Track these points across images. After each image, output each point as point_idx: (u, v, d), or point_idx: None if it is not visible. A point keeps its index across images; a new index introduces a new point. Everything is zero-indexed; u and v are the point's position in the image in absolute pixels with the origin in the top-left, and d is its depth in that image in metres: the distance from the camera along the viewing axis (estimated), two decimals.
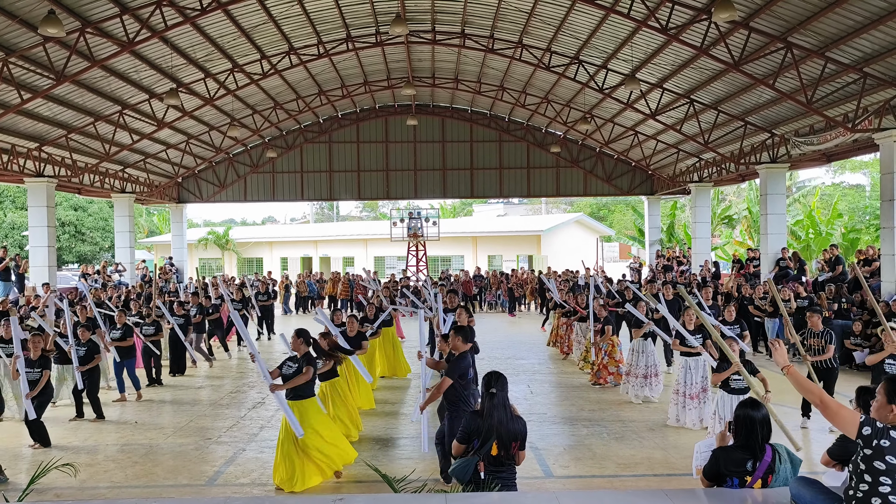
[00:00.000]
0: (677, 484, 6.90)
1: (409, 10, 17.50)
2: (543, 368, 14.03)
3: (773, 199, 19.74)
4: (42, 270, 19.36)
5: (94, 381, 10.19)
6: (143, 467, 7.85)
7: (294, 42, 18.63)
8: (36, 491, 6.64)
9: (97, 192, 24.21)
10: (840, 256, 17.12)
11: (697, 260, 23.64)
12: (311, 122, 27.75)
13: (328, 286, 26.62)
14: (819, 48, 13.37)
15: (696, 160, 23.60)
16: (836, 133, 15.08)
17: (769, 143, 18.87)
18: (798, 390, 3.99)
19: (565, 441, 8.66)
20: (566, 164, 27.94)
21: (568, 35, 17.40)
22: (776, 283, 17.35)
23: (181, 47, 16.58)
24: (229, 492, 7.07)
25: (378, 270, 33.92)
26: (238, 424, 9.71)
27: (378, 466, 5.80)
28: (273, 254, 42.00)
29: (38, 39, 13.36)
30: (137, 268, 26.02)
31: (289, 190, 28.50)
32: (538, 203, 53.82)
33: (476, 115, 27.81)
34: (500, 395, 4.92)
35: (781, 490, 4.24)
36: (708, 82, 17.14)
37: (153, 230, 45.22)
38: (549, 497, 4.50)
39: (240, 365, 15.04)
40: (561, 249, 37.26)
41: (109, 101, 18.07)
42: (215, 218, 60.98)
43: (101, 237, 39.67)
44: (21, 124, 17.36)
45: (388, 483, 5.13)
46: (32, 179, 19.30)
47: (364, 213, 65.25)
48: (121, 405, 11.04)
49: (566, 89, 21.76)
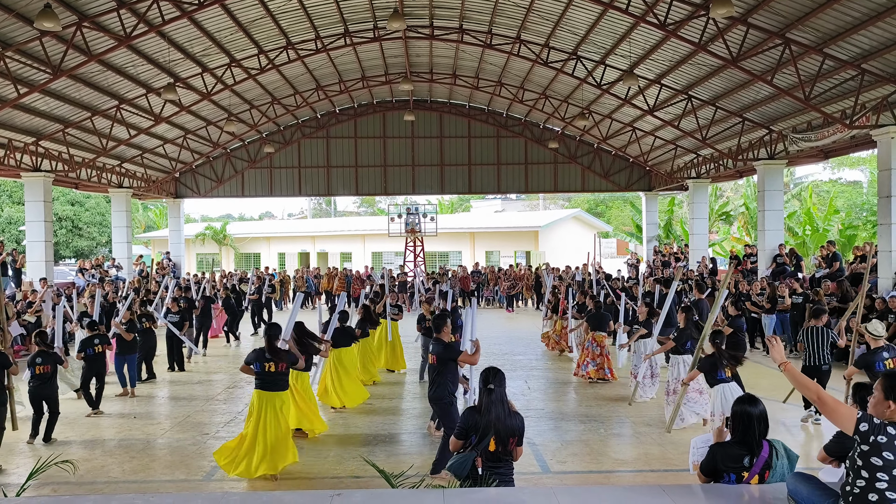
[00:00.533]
0: (674, 479, 6.91)
1: (407, 5, 17.46)
2: (541, 364, 14.06)
3: (770, 195, 19.77)
4: (39, 265, 19.33)
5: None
6: (140, 462, 7.85)
7: (292, 37, 18.58)
8: (33, 486, 6.63)
9: (94, 186, 24.16)
10: (837, 253, 17.12)
11: (695, 256, 23.67)
12: (308, 118, 27.70)
13: (324, 281, 26.61)
14: (817, 44, 13.37)
15: (693, 156, 23.61)
16: (834, 129, 15.10)
17: (767, 139, 18.88)
18: (795, 387, 4.00)
19: (562, 437, 8.67)
20: (564, 159, 27.93)
21: (566, 30, 17.38)
22: (773, 279, 17.38)
23: (178, 42, 16.52)
24: (226, 487, 7.07)
25: (375, 266, 33.94)
26: (235, 420, 9.70)
27: (375, 462, 5.80)
28: (271, 249, 41.96)
29: (34, 33, 13.31)
30: (135, 263, 25.98)
31: (286, 185, 28.47)
32: (536, 199, 53.82)
33: (474, 110, 27.79)
34: (498, 390, 4.92)
35: (778, 486, 4.25)
36: (706, 78, 17.14)
37: (150, 225, 45.13)
38: (545, 492, 4.50)
39: (236, 360, 15.03)
40: (558, 245, 37.30)
41: (106, 95, 18.02)
42: (213, 213, 60.79)
43: (98, 232, 39.59)
44: (18, 119, 17.30)
45: (385, 479, 5.12)
46: (29, 174, 19.26)
47: (362, 208, 65.21)
48: (121, 400, 11.04)
49: (564, 85, 21.74)
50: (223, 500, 4.36)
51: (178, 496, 4.64)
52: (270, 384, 7.22)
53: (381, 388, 11.66)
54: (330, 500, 4.31)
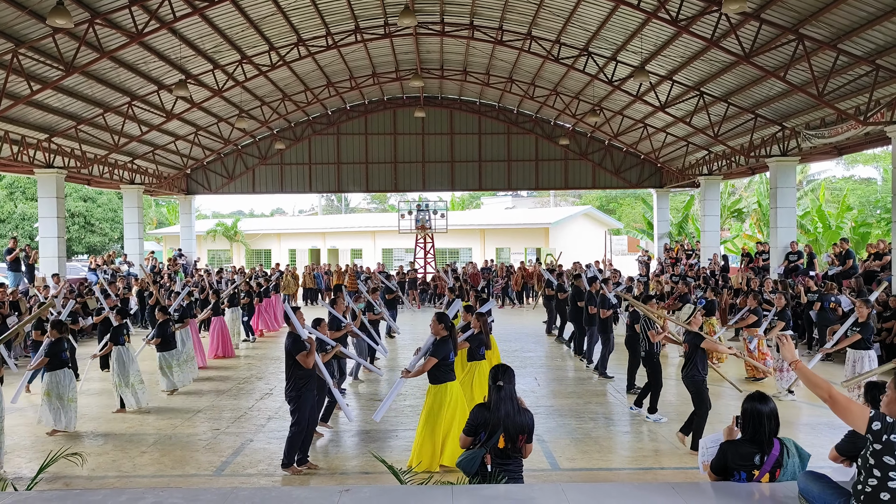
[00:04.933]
0: (684, 477, 6.89)
1: (418, 2, 17.44)
2: (550, 361, 14.03)
3: (782, 192, 19.62)
4: (52, 261, 19.47)
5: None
6: (151, 456, 7.90)
7: (302, 33, 18.60)
8: (45, 480, 6.69)
9: (106, 183, 24.29)
10: (850, 250, 17.00)
11: (706, 254, 23.54)
12: (319, 114, 27.74)
13: (334, 278, 26.66)
14: (831, 40, 13.25)
15: (705, 153, 23.47)
16: (848, 126, 14.96)
17: (779, 135, 18.74)
18: (806, 385, 3.96)
19: (572, 434, 8.65)
20: (575, 156, 27.85)
21: (577, 27, 17.30)
22: (786, 277, 17.28)
23: (190, 38, 16.57)
24: (236, 482, 7.09)
25: (385, 262, 33.95)
26: (246, 415, 9.74)
27: (384, 458, 5.81)
28: (281, 245, 42.07)
29: (47, 30, 13.38)
30: (147, 259, 26.11)
31: (297, 181, 28.53)
32: (546, 196, 53.68)
33: (485, 107, 27.74)
34: (508, 387, 4.91)
35: (789, 484, 4.22)
36: (718, 74, 17.03)
37: (162, 221, 45.36)
38: (555, 489, 4.49)
39: (247, 356, 15.10)
40: (569, 242, 37.18)
41: (118, 92, 18.10)
42: (224, 209, 60.99)
43: (110, 228, 39.81)
44: (31, 115, 17.42)
45: (394, 474, 5.13)
46: (42, 170, 19.39)
47: (372, 205, 65.26)
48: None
49: (575, 81, 21.67)
50: (232, 496, 4.37)
51: (187, 491, 4.66)
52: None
53: (387, 386, 11.66)
54: (339, 496, 4.31)
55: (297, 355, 7.07)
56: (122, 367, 10.04)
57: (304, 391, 7.15)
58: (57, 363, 8.82)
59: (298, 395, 7.13)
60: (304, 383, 7.14)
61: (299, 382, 7.13)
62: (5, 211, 36.97)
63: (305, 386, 7.15)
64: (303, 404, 7.14)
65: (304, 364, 7.06)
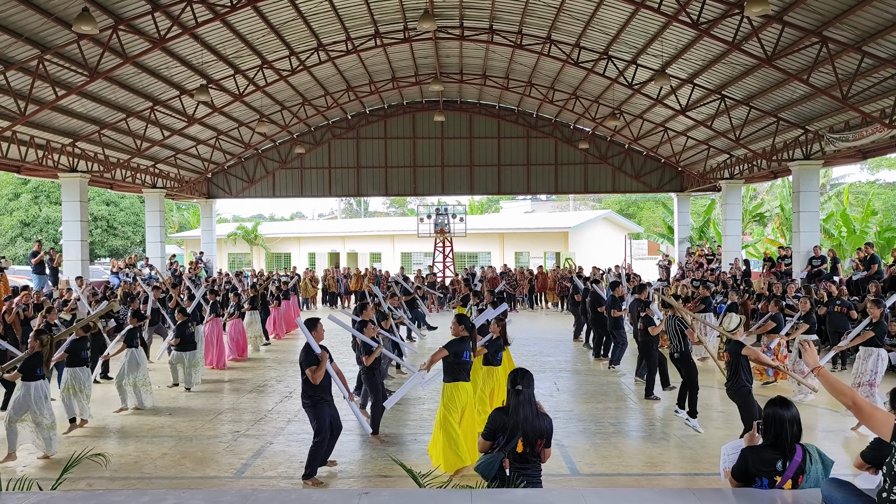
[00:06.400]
0: (705, 483, 6.83)
1: (437, 6, 17.49)
2: (570, 365, 13.97)
3: (805, 196, 19.41)
4: (75, 264, 19.73)
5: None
6: (171, 458, 7.96)
7: (322, 38, 18.72)
8: (69, 480, 6.76)
9: (129, 187, 24.58)
10: (875, 255, 16.76)
11: (727, 258, 23.34)
12: (339, 118, 27.88)
13: (353, 281, 26.74)
14: (855, 42, 13.09)
15: (727, 157, 23.28)
16: (873, 129, 14.77)
17: (802, 139, 18.54)
18: (829, 391, 3.91)
19: (591, 439, 8.60)
20: (594, 160, 27.74)
21: (597, 30, 17.25)
22: (809, 281, 17.07)
23: (211, 44, 16.74)
24: (256, 484, 7.13)
25: (405, 266, 33.99)
26: (265, 418, 9.79)
27: (403, 462, 5.81)
28: (301, 249, 42.30)
29: (72, 37, 13.60)
30: (170, 264, 26.35)
31: (317, 185, 28.68)
32: (566, 200, 53.51)
33: (504, 111, 27.72)
34: (526, 391, 4.89)
35: (812, 491, 4.16)
36: (740, 77, 16.89)
37: (184, 225, 45.79)
38: (574, 494, 4.46)
39: (266, 359, 15.17)
40: (589, 247, 37.02)
41: (141, 97, 18.32)
42: (244, 213, 61.61)
43: (132, 232, 40.27)
44: (56, 120, 17.69)
45: (413, 478, 5.12)
46: (66, 175, 19.67)
47: (391, 209, 65.45)
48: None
49: (595, 85, 21.59)
50: (252, 497, 4.39)
51: (208, 492, 4.69)
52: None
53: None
54: (358, 499, 4.32)
55: (307, 370, 7.09)
56: (133, 368, 10.28)
57: (319, 402, 7.14)
58: (77, 361, 9.31)
59: (313, 404, 7.13)
60: (317, 393, 7.15)
61: (313, 393, 7.15)
62: (30, 214, 37.54)
63: (321, 397, 7.15)
64: (320, 415, 7.12)
65: (311, 379, 7.04)
